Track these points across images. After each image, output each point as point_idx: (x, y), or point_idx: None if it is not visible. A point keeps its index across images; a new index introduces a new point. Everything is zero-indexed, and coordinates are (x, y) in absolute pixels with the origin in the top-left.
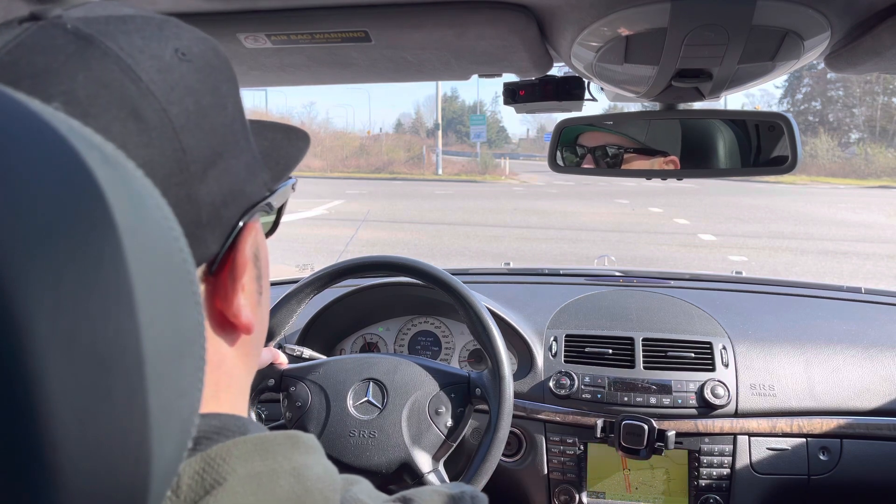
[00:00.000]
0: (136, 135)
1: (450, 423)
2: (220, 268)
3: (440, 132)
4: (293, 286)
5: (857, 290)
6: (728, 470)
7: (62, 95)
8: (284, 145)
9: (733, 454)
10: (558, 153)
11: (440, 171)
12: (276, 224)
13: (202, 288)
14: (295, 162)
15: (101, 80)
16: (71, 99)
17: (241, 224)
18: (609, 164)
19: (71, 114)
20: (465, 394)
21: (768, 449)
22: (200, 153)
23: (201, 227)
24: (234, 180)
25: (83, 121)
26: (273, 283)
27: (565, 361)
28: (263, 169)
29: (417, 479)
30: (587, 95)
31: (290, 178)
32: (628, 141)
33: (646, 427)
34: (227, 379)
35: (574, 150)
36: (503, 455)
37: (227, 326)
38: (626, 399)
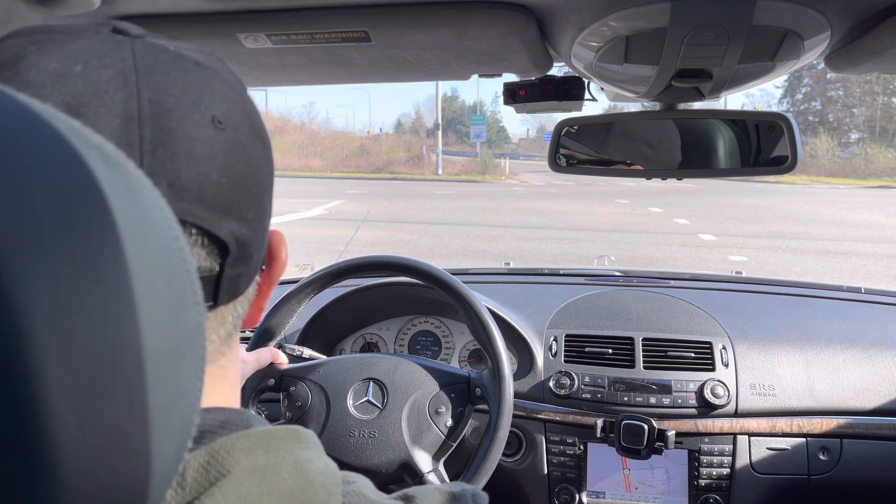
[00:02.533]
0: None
1: (450, 422)
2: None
3: (440, 132)
4: (293, 286)
5: (856, 290)
6: (728, 470)
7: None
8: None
9: (733, 454)
10: (558, 153)
11: (440, 171)
12: None
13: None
14: None
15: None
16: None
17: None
18: (626, 165)
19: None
20: (465, 394)
21: (768, 449)
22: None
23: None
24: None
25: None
26: None
27: (565, 361)
28: None
29: (417, 478)
30: (587, 95)
31: None
32: (647, 143)
33: (646, 427)
34: (238, 367)
35: (576, 150)
36: (503, 455)
37: (249, 322)
38: (626, 399)
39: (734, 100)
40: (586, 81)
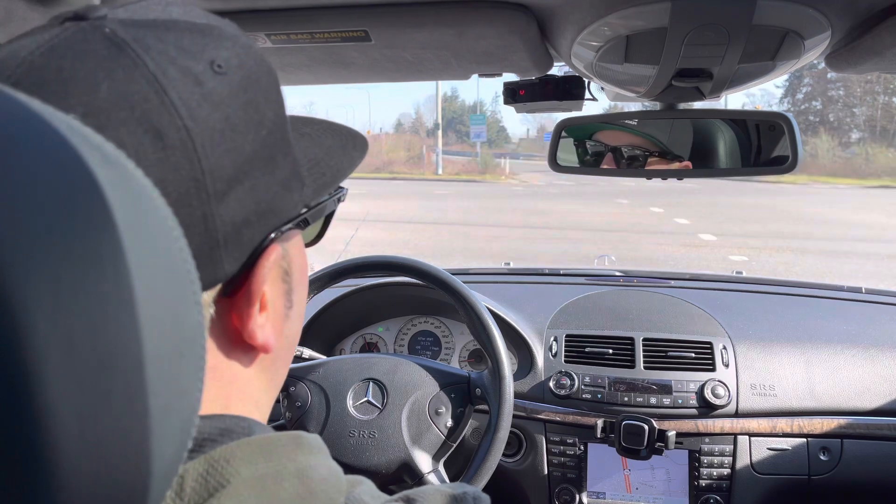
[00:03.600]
0: (152, 152)
1: (450, 423)
2: (236, 290)
3: (440, 132)
4: None
5: (857, 290)
6: (728, 470)
7: (82, 106)
8: (337, 154)
9: (734, 454)
10: (558, 153)
11: (440, 171)
12: (321, 233)
13: (214, 309)
14: (342, 175)
15: (123, 92)
16: (90, 110)
17: (263, 245)
18: (627, 164)
19: (88, 125)
20: (466, 394)
21: (769, 449)
22: (223, 172)
23: (217, 248)
24: (261, 198)
25: (99, 133)
26: None
27: (565, 361)
28: (305, 183)
29: (417, 479)
30: (587, 95)
31: (341, 188)
32: (648, 143)
33: (646, 427)
34: (238, 393)
35: (576, 149)
36: (503, 455)
37: (243, 345)
38: (626, 399)
39: (734, 99)
40: (586, 81)
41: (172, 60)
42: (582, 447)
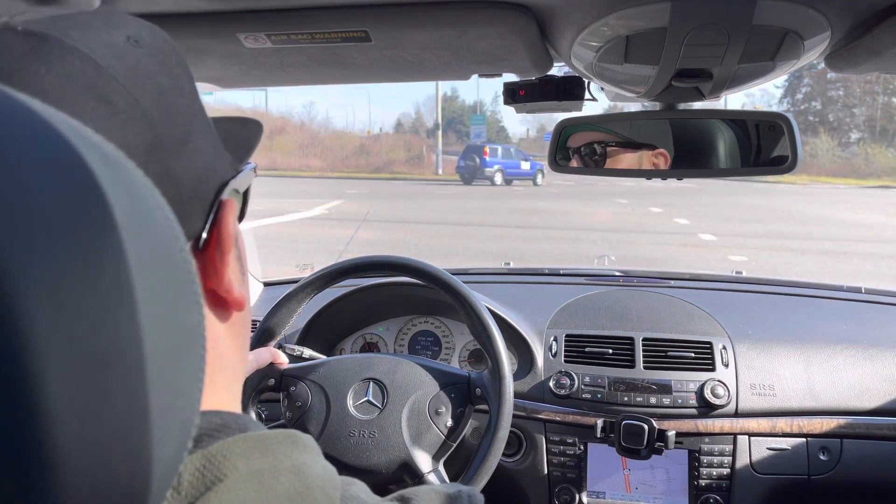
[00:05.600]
0: (109, 119)
1: (450, 423)
2: (207, 244)
3: (440, 132)
4: (293, 286)
5: (857, 290)
6: (728, 470)
7: (29, 91)
8: (239, 132)
9: (733, 454)
10: (558, 153)
11: (440, 171)
12: (242, 212)
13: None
14: (252, 146)
15: (64, 71)
16: (39, 92)
17: (220, 199)
18: (597, 161)
19: None
20: (466, 394)
21: (768, 449)
22: (171, 132)
23: (183, 203)
24: (205, 158)
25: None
26: (273, 283)
27: (565, 361)
28: (226, 152)
29: (417, 479)
30: (587, 95)
31: (250, 163)
32: (618, 138)
33: (646, 427)
34: (220, 361)
35: (574, 150)
36: (503, 455)
37: (219, 303)
38: (626, 399)
39: (734, 100)
40: (586, 81)
41: (93, 39)
42: (582, 447)
